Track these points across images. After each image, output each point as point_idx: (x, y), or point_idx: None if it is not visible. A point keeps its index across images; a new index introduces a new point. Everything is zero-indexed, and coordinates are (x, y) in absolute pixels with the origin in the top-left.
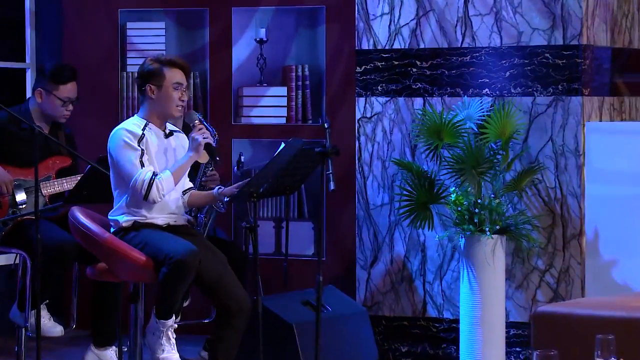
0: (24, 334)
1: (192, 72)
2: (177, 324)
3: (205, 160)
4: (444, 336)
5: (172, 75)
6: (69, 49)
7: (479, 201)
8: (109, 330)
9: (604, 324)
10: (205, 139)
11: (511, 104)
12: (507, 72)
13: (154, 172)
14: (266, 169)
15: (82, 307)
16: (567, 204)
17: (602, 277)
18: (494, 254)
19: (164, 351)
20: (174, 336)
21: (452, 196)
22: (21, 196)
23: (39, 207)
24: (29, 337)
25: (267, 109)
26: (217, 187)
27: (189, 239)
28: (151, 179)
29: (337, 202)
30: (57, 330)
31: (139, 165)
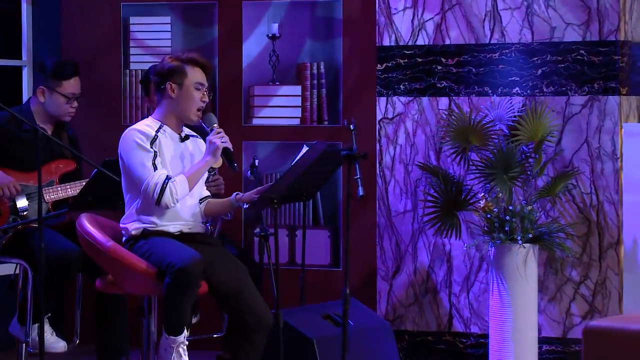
0: (24, 350)
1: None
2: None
3: (219, 165)
4: (471, 352)
5: (194, 74)
6: (68, 46)
7: (509, 208)
8: (115, 345)
9: None
10: (223, 143)
11: (544, 105)
12: (539, 70)
13: (167, 175)
14: (289, 174)
15: (86, 321)
16: (604, 211)
17: None
18: (525, 264)
19: None
20: (186, 353)
21: (480, 202)
22: (22, 202)
23: (42, 214)
24: (30, 353)
25: (279, 109)
26: (234, 194)
27: (205, 248)
28: (164, 182)
29: (356, 209)
30: (60, 345)
31: (152, 167)
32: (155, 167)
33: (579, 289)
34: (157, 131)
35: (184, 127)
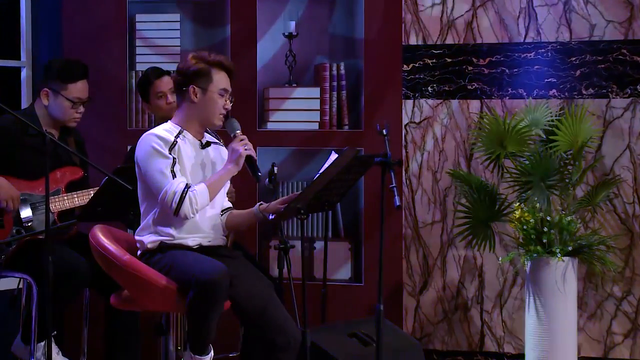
0: None
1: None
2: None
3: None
4: None
5: (220, 79)
6: (69, 45)
7: (547, 218)
8: None
9: None
10: (247, 150)
11: (584, 108)
12: (578, 71)
13: (186, 184)
14: (317, 182)
15: (93, 340)
16: None
17: None
18: (564, 279)
19: None
20: None
21: (516, 213)
22: (26, 212)
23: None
24: None
25: (296, 113)
26: (258, 204)
27: (228, 262)
28: (183, 191)
29: (380, 220)
30: None
31: (170, 175)
32: (174, 175)
33: (621, 305)
34: (176, 137)
35: (205, 133)
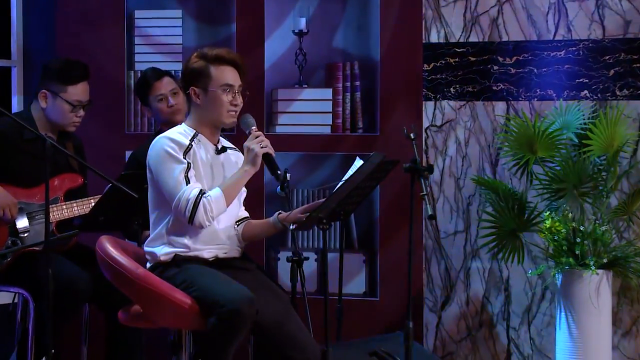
0: None
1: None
2: None
3: None
4: None
5: (220, 74)
6: (63, 43)
7: (580, 228)
8: None
9: None
10: (263, 148)
11: (619, 110)
12: (612, 70)
13: (200, 190)
14: (342, 190)
15: (93, 358)
16: None
17: None
18: (598, 293)
19: None
20: None
21: (546, 222)
22: (23, 223)
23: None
24: None
25: (307, 115)
26: (276, 213)
27: (243, 275)
28: (197, 198)
29: (397, 230)
30: None
31: (184, 181)
32: (187, 181)
33: None
34: (191, 140)
35: (221, 137)
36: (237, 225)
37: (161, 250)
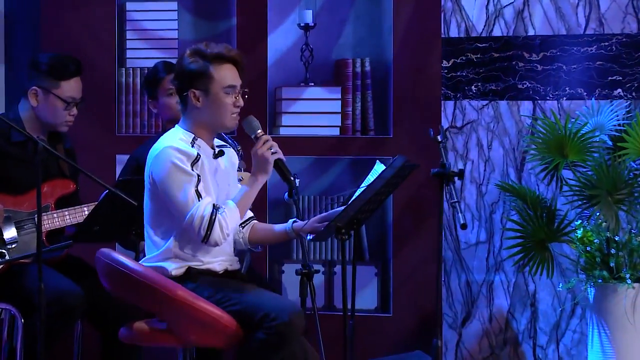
0: None
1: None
2: None
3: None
4: None
5: (223, 75)
6: (49, 38)
7: (615, 238)
8: None
9: None
10: (274, 154)
11: None
12: None
13: (214, 206)
14: (362, 197)
15: None
16: None
17: None
18: (634, 308)
19: None
20: None
21: (577, 232)
22: (11, 233)
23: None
24: None
25: (313, 116)
26: (291, 221)
27: (249, 288)
28: (212, 215)
29: (412, 239)
30: None
31: (195, 196)
32: (199, 196)
33: None
34: (192, 144)
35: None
36: (243, 227)
37: (171, 264)
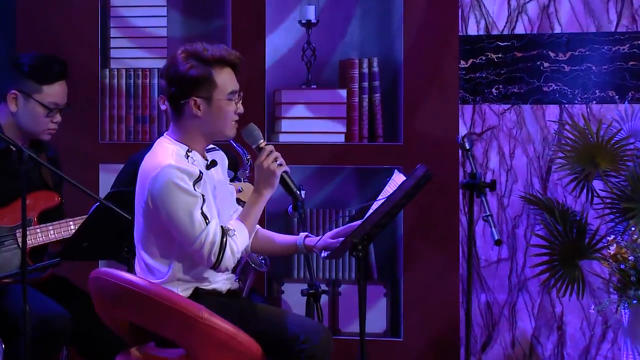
0: None
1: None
2: None
3: (245, 197)
4: None
5: (225, 80)
6: (25, 35)
7: None
8: None
9: None
10: (280, 165)
11: None
12: None
13: (222, 228)
14: (380, 211)
15: None
16: None
17: None
18: None
19: None
20: None
21: (610, 248)
22: None
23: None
24: None
25: (316, 121)
26: (303, 235)
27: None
28: (222, 240)
29: (424, 256)
30: None
31: (202, 219)
32: (206, 219)
33: None
34: (187, 157)
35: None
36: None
37: (177, 286)
